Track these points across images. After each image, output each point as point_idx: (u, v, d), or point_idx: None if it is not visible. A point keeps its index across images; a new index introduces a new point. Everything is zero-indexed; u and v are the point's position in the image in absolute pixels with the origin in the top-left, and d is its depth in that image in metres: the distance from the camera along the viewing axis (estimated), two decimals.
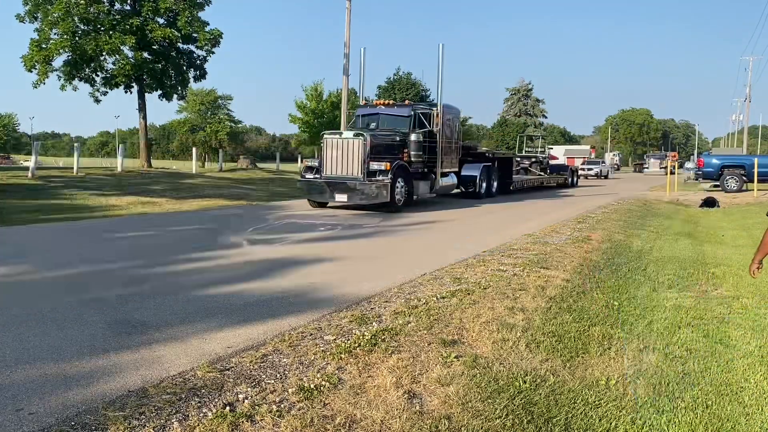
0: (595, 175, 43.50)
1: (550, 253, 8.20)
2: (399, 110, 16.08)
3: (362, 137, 13.59)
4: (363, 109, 16.83)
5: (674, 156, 58.19)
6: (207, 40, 28.12)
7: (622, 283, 6.75)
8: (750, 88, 56.21)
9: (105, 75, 27.90)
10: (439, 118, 15.79)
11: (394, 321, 4.81)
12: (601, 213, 14.51)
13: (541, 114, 65.63)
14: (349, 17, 24.27)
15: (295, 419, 3.09)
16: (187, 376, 3.60)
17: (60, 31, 25.78)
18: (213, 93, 77.91)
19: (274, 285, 6.11)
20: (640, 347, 4.58)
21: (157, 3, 26.55)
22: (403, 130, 15.21)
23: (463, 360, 4.03)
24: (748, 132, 62.11)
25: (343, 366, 3.84)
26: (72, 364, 3.78)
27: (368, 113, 16.33)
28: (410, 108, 15.95)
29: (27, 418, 3.01)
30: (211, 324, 4.68)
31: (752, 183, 23.02)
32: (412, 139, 14.67)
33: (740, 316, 5.61)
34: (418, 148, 14.70)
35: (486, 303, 5.44)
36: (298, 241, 9.08)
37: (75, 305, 5.15)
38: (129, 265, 6.94)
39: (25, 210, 12.96)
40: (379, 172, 13.40)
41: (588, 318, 5.24)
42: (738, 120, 72.11)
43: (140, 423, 2.98)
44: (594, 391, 3.72)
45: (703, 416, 3.46)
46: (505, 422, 3.23)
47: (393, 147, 14.59)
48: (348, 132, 14.30)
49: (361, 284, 6.18)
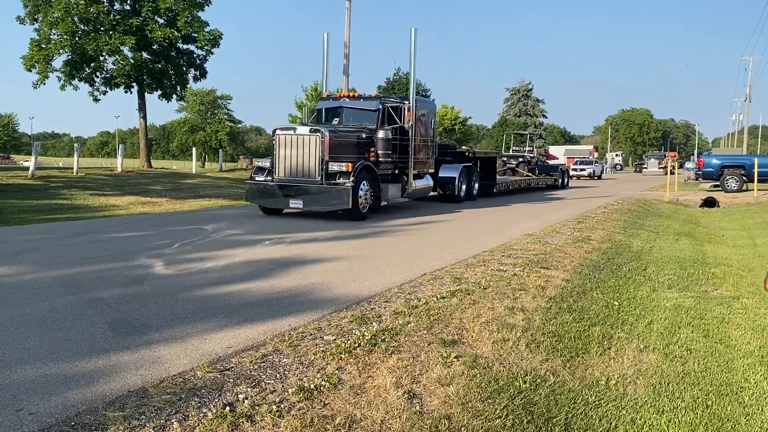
0: (589, 176, 42.58)
1: (550, 253, 8.20)
2: (365, 103, 14.05)
3: (319, 133, 11.78)
4: (325, 102, 14.72)
5: (674, 156, 58.18)
6: (207, 40, 28.14)
7: (622, 283, 6.75)
8: (750, 88, 56.27)
9: (105, 75, 27.93)
10: (411, 113, 14.10)
11: (394, 321, 4.81)
12: (601, 213, 14.51)
13: (541, 114, 65.61)
14: (349, 17, 24.28)
15: (295, 419, 3.09)
16: (187, 376, 3.60)
17: (60, 31, 25.80)
18: (213, 93, 77.91)
19: (274, 285, 6.11)
20: (640, 347, 4.58)
21: (156, 3, 26.56)
22: (370, 125, 13.35)
23: (463, 360, 4.03)
24: (748, 132, 62.13)
25: (343, 366, 3.84)
26: (72, 364, 3.77)
27: (331, 107, 14.41)
28: (378, 101, 13.97)
29: (27, 418, 3.01)
30: (211, 324, 4.68)
31: (752, 183, 23.02)
32: (380, 137, 13.01)
33: (740, 316, 5.62)
34: (386, 147, 13.13)
35: (486, 303, 5.44)
36: (296, 242, 9.08)
37: (75, 305, 5.15)
38: (129, 265, 6.94)
39: (24, 210, 12.96)
40: (340, 174, 11.68)
41: (588, 318, 5.24)
42: (738, 120, 72.23)
43: (140, 423, 2.97)
44: (594, 391, 3.72)
45: (703, 416, 3.46)
46: (505, 422, 3.24)
47: (358, 145, 12.76)
48: (303, 127, 12.47)
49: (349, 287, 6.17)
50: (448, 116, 53.88)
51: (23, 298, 5.37)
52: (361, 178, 11.96)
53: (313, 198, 11.74)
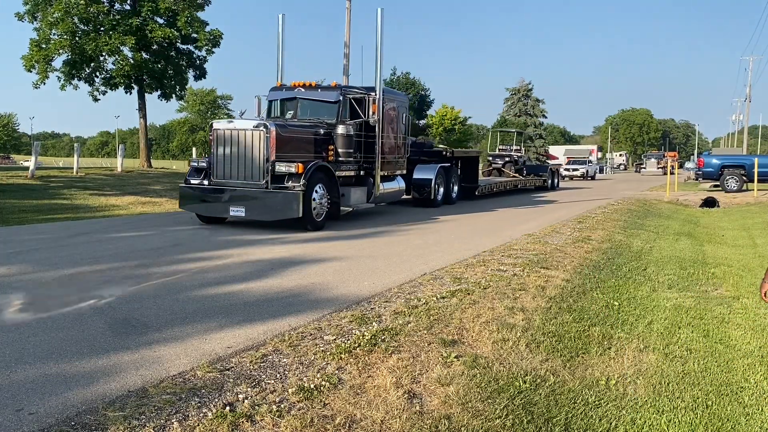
0: (582, 176, 40.91)
1: (550, 253, 8.20)
2: (323, 94, 12.16)
3: (264, 128, 10.10)
4: (277, 93, 12.78)
5: (674, 156, 58.13)
6: (207, 40, 28.13)
7: (622, 283, 6.75)
8: (750, 88, 56.22)
9: (105, 75, 27.92)
10: (376, 106, 12.23)
11: (394, 321, 4.81)
12: (601, 213, 14.51)
13: (541, 114, 65.46)
14: (349, 17, 24.28)
15: (295, 419, 3.09)
16: (187, 376, 3.60)
17: (60, 31, 25.80)
18: (213, 93, 77.94)
19: (274, 285, 6.11)
20: (640, 347, 4.58)
21: (156, 3, 26.54)
22: (329, 120, 11.70)
23: (463, 360, 4.03)
24: (748, 132, 62.12)
25: (343, 366, 3.84)
26: (72, 364, 3.77)
27: (284, 98, 12.56)
28: (339, 91, 12.11)
29: (27, 418, 3.01)
30: (211, 324, 4.68)
31: (752, 183, 23.03)
32: (340, 132, 11.44)
33: (740, 316, 5.62)
34: (347, 144, 11.52)
35: (486, 303, 5.44)
36: (296, 242, 9.08)
37: (75, 305, 5.15)
38: (129, 265, 6.94)
39: (24, 210, 12.96)
40: (289, 176, 9.99)
41: (588, 318, 5.24)
42: (738, 120, 72.17)
43: (140, 423, 2.97)
44: (594, 391, 3.72)
45: (703, 416, 3.47)
46: (505, 422, 3.24)
47: (313, 142, 11.15)
48: (245, 121, 10.74)
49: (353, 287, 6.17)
50: (448, 116, 53.82)
51: (23, 299, 5.37)
52: (314, 181, 10.28)
53: (256, 205, 10.03)
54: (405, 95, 15.86)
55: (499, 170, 25.76)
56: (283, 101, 12.62)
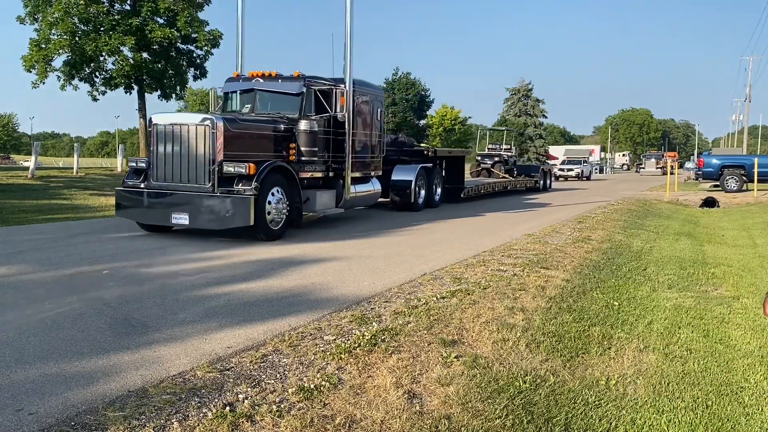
0: (577, 177, 39.64)
1: (550, 253, 8.20)
2: (284, 85, 10.72)
3: (209, 122, 8.86)
4: (234, 84, 11.36)
5: (674, 156, 58.11)
6: (207, 40, 28.14)
7: (622, 283, 6.75)
8: (750, 88, 56.19)
9: (105, 75, 27.93)
10: (344, 99, 10.90)
11: (394, 321, 4.81)
12: (601, 213, 14.51)
13: (541, 114, 65.50)
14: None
15: (295, 419, 3.09)
16: (187, 376, 3.60)
17: (59, 31, 25.81)
18: None
19: (274, 285, 6.11)
20: (640, 347, 4.58)
21: (156, 3, 26.54)
22: (290, 114, 10.34)
23: (463, 360, 4.03)
24: (748, 132, 62.09)
25: (343, 366, 3.84)
26: (72, 364, 3.78)
27: (242, 89, 11.16)
28: (301, 82, 10.60)
29: (27, 418, 3.01)
30: (211, 324, 4.68)
31: (752, 183, 23.04)
32: (302, 128, 10.15)
33: (740, 316, 5.62)
34: (312, 142, 10.26)
35: (486, 303, 5.44)
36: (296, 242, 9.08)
37: (75, 305, 5.15)
38: (129, 265, 6.94)
39: (24, 210, 12.96)
40: (239, 178, 8.72)
41: (588, 318, 5.24)
42: (738, 120, 72.15)
43: (140, 423, 2.97)
44: (594, 391, 3.72)
45: (703, 416, 3.47)
46: (505, 422, 3.24)
47: (271, 139, 9.94)
48: (188, 115, 9.68)
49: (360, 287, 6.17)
50: (448, 116, 53.82)
51: (23, 299, 5.37)
52: (269, 184, 9.01)
53: (201, 211, 8.76)
54: (380, 88, 14.25)
55: (489, 171, 24.76)
56: (241, 94, 11.19)
